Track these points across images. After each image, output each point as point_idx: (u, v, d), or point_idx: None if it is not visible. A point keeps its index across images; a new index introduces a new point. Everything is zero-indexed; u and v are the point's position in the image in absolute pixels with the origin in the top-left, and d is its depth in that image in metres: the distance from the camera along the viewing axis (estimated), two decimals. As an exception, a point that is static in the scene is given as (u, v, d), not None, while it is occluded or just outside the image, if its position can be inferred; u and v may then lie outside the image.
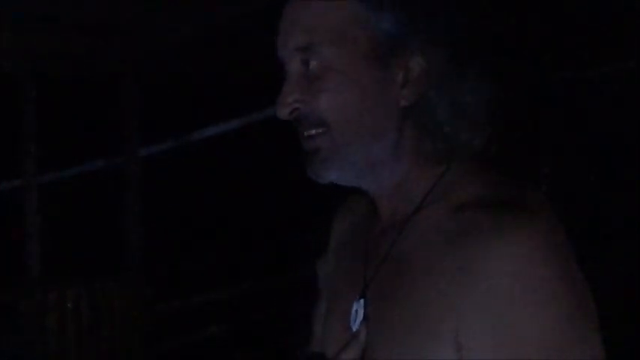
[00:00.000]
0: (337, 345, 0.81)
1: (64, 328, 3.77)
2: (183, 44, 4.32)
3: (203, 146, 5.70)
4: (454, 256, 0.67)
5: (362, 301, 0.78)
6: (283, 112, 0.76)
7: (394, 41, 0.72)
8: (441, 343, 0.67)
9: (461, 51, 0.72)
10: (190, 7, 3.58)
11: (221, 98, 5.58)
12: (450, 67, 0.72)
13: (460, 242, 0.67)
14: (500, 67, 0.75)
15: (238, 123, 5.36)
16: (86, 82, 5.00)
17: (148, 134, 4.86)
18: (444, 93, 0.73)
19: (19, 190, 3.98)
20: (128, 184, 4.35)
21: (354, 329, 0.78)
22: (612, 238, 3.47)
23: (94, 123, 5.76)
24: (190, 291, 4.94)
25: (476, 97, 0.73)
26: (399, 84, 0.73)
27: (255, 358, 4.54)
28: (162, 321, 4.47)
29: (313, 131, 0.75)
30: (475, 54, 0.73)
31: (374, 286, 0.77)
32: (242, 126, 5.34)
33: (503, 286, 0.63)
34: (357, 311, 0.78)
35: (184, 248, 6.35)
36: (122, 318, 4.09)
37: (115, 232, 4.47)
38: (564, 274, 0.65)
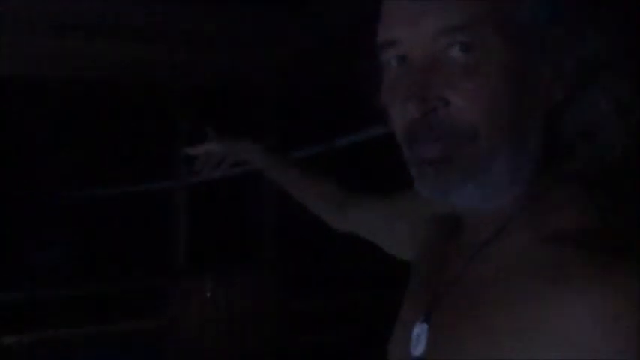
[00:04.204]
0: None
1: (203, 314, 4.08)
2: (327, 52, 4.49)
3: (343, 152, 5.84)
4: (539, 292, 0.57)
5: (425, 325, 0.68)
6: (420, 108, 0.60)
7: (543, 29, 0.60)
8: None
9: (615, 48, 0.61)
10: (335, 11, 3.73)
11: (364, 104, 5.69)
12: (603, 64, 0.60)
13: (550, 279, 0.57)
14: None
15: (382, 130, 5.39)
16: (232, 92, 5.40)
17: (291, 140, 5.11)
18: (596, 93, 0.61)
19: (170, 190, 4.41)
20: (266, 186, 4.63)
21: (414, 354, 0.68)
22: None
23: (234, 131, 6.15)
24: (323, 292, 5.06)
25: (628, 100, 0.60)
26: (548, 80, 0.61)
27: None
28: (296, 320, 4.63)
29: (454, 137, 0.60)
30: (631, 52, 0.61)
31: (441, 309, 0.68)
32: (385, 133, 5.37)
33: (588, 341, 0.53)
34: (419, 336, 0.69)
35: (320, 250, 6.52)
36: (255, 313, 4.33)
37: (252, 232, 4.76)
38: None
